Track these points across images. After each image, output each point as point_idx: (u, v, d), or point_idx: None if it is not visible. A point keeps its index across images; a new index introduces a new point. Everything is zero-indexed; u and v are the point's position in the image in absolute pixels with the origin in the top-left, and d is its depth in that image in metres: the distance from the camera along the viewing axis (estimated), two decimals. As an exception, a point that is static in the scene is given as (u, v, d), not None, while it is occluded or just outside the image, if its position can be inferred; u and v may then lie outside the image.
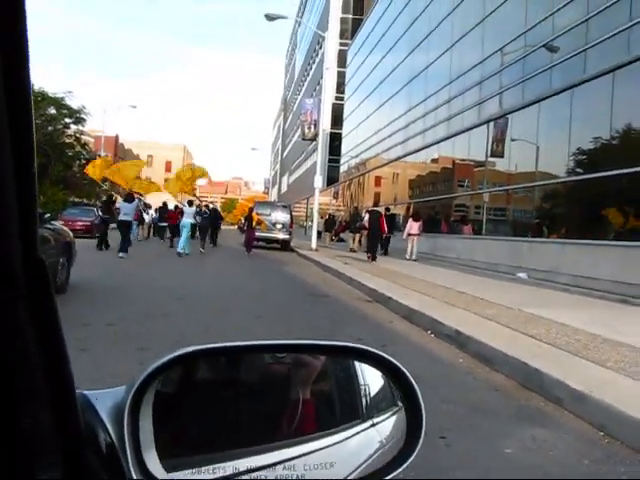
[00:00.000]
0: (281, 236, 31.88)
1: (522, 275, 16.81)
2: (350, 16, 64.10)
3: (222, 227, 37.09)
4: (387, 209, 27.91)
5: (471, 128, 24.45)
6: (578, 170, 16.61)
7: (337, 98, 60.38)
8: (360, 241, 29.74)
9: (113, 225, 22.42)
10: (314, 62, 77.91)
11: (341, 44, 61.43)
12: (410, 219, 25.61)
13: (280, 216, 32.71)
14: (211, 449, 0.85)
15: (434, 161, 30.46)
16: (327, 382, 1.03)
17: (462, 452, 4.04)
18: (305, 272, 18.58)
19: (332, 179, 58.79)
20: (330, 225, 41.37)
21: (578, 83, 16.25)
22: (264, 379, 0.96)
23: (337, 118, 58.43)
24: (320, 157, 33.37)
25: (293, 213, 37.30)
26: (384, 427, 1.01)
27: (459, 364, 6.86)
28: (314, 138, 38.89)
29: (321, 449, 0.93)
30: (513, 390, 5.80)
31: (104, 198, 26.65)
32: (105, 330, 7.26)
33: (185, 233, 23.10)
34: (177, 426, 0.86)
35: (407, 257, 24.11)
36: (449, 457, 3.86)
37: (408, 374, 0.95)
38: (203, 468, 0.83)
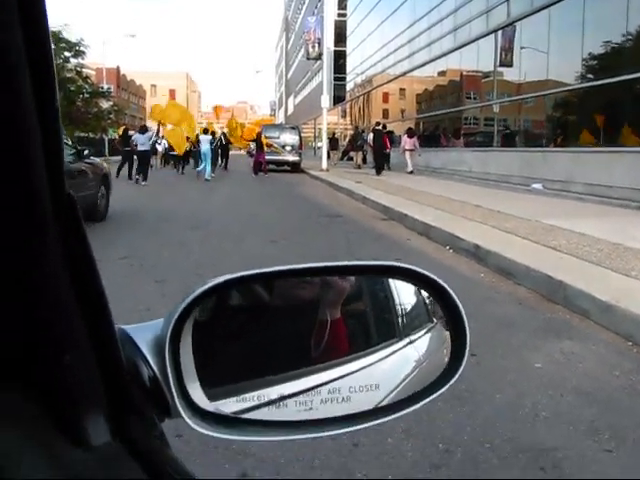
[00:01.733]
0: (291, 158, 31.57)
1: (537, 186, 16.58)
2: None
3: (230, 152, 36.77)
4: (384, 126, 28.77)
5: (478, 38, 23.69)
6: (591, 76, 16.11)
7: (339, 15, 58.73)
8: (365, 158, 32.04)
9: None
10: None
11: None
12: (405, 135, 26.90)
13: (289, 138, 32.35)
14: (252, 376, 0.84)
15: (441, 74, 29.73)
16: (361, 302, 0.99)
17: (492, 369, 3.99)
18: (318, 193, 18.46)
19: (339, 98, 57.79)
20: (334, 144, 41.29)
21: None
22: (295, 303, 0.93)
23: (340, 35, 56.95)
24: (326, 76, 32.74)
25: (301, 134, 36.80)
26: (421, 344, 1.00)
27: (480, 279, 6.80)
28: (319, 57, 38.09)
29: (362, 369, 0.92)
30: (537, 303, 5.74)
31: (121, 131, 27.78)
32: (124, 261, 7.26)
33: (208, 160, 24.71)
34: (217, 355, 0.85)
35: (407, 170, 25.73)
36: (480, 375, 3.80)
37: (452, 292, 0.92)
38: (247, 395, 0.82)
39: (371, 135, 26.82)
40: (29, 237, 0.55)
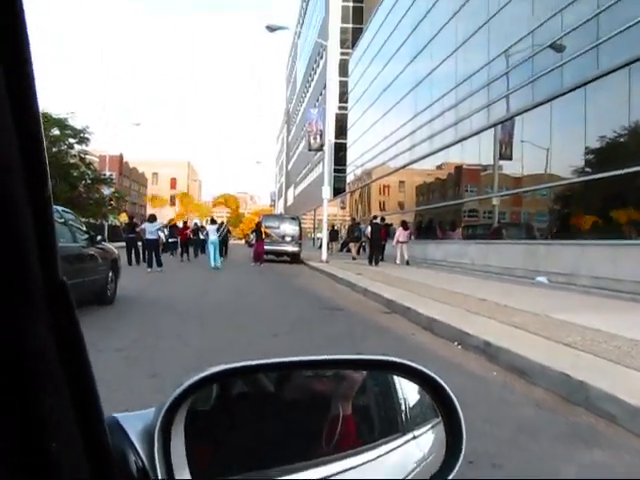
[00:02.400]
0: (291, 248, 31.45)
1: (542, 279, 16.36)
2: (350, 25, 64.05)
3: (230, 242, 36.92)
4: (382, 219, 30.18)
5: (480, 131, 24.05)
6: (593, 169, 16.14)
7: (340, 108, 60.17)
8: (360, 249, 33.00)
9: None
10: (315, 73, 77.99)
11: (342, 53, 61.09)
12: (399, 227, 27.62)
13: (289, 228, 32.35)
14: (248, 468, 0.82)
15: (439, 167, 30.34)
16: (366, 396, 1.00)
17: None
18: (318, 285, 18.19)
19: (338, 189, 58.48)
20: (333, 236, 41.78)
21: (589, 81, 15.87)
22: (302, 395, 0.93)
23: (341, 128, 58.19)
24: (327, 167, 33.02)
25: (301, 225, 36.91)
26: (425, 440, 0.99)
27: (493, 378, 6.45)
28: (320, 148, 38.39)
29: (364, 464, 0.91)
30: (557, 405, 5.38)
31: (126, 218, 29.02)
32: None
33: (215, 249, 24.91)
34: (211, 446, 0.83)
35: (397, 262, 26.75)
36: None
37: (448, 389, 0.92)
38: None
39: (369, 228, 27.65)
40: (21, 321, 0.56)
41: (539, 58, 19.20)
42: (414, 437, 0.98)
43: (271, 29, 29.42)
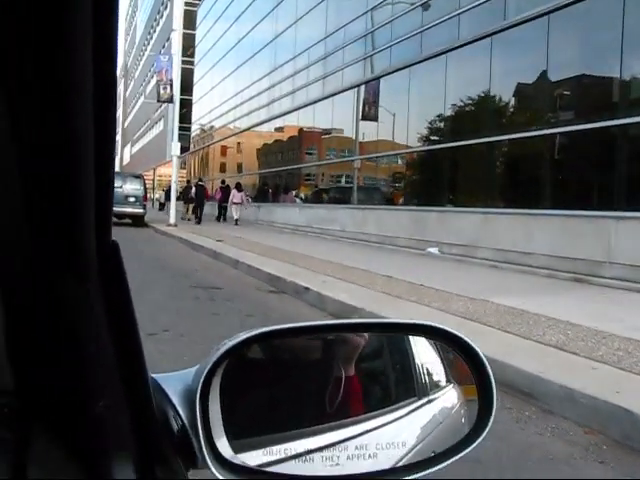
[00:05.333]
0: (135, 210, 28.06)
1: (433, 250, 14.71)
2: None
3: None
4: (222, 181, 32.36)
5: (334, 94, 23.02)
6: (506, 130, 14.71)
7: (186, 62, 56.47)
8: (192, 210, 33.39)
9: None
10: (158, 24, 73.35)
11: (187, 4, 57.35)
12: (234, 189, 29.27)
13: (132, 188, 28.90)
14: (277, 429, 0.84)
15: (280, 130, 30.55)
16: (381, 360, 1.02)
17: None
18: (177, 254, 15.60)
19: (183, 148, 55.20)
20: (169, 196, 39.39)
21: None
22: (316, 359, 0.95)
23: (186, 83, 54.63)
24: (176, 121, 29.88)
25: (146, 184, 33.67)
26: (439, 405, 1.01)
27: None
28: (170, 100, 35.23)
29: (384, 425, 0.93)
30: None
31: None
32: None
33: None
34: (243, 408, 0.85)
35: (235, 220, 28.12)
36: None
37: (480, 351, 0.92)
38: (273, 448, 0.82)
39: (194, 190, 30.18)
40: (74, 280, 0.57)
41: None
42: (429, 401, 1.00)
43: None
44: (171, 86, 33.05)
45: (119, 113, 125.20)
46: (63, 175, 0.52)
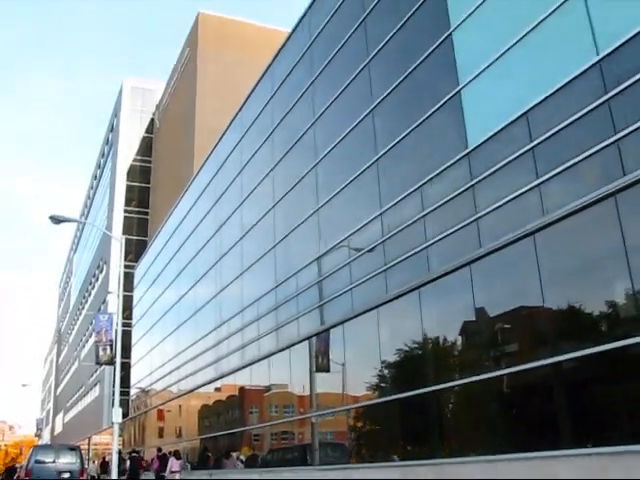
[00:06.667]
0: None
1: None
2: (134, 237, 62.18)
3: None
4: (159, 449, 30.45)
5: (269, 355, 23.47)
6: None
7: (124, 324, 56.68)
8: None
9: None
10: (93, 288, 73.87)
11: (126, 266, 58.88)
12: (172, 457, 27.94)
13: (67, 462, 27.11)
14: None
15: (219, 390, 29.64)
16: None
17: None
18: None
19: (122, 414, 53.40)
20: (104, 468, 39.78)
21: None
22: None
23: (124, 345, 54.29)
24: (117, 385, 28.61)
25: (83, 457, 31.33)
26: None
27: None
28: (111, 361, 33.72)
29: None
30: None
31: None
32: None
33: None
34: None
35: None
36: None
37: None
38: None
39: (128, 462, 29.92)
40: None
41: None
42: None
43: (56, 220, 25.03)
44: (111, 347, 32.42)
45: (51, 380, 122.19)
46: None
